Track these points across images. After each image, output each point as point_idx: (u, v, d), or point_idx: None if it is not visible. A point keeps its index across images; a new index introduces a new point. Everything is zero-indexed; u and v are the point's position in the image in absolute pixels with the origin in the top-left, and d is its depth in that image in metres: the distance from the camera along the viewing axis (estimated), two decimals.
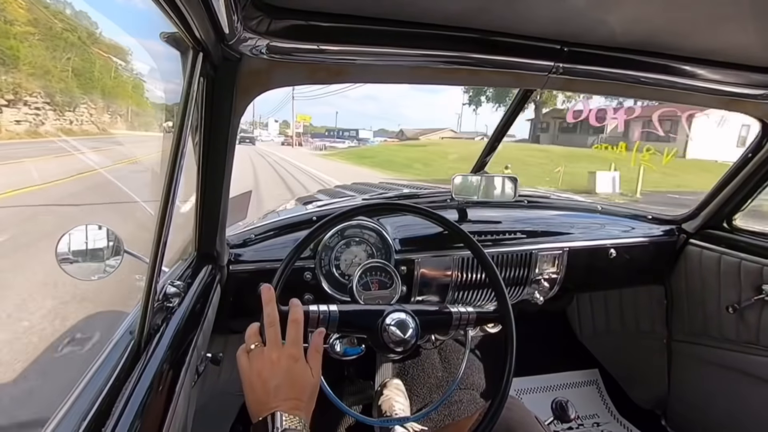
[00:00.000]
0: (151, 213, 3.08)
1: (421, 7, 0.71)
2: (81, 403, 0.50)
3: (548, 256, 1.38)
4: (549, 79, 0.92)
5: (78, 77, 8.99)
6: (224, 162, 0.85)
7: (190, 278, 0.86)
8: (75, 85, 8.91)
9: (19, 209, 4.62)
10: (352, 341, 1.13)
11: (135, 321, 0.63)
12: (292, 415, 0.55)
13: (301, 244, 0.79)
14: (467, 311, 0.82)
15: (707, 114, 13.21)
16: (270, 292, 0.66)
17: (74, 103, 8.88)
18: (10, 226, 4.09)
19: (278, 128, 69.45)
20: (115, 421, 0.47)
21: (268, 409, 0.56)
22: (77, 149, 8.51)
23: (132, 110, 11.87)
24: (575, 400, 1.74)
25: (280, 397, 0.57)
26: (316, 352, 0.65)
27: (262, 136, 54.67)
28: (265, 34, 0.69)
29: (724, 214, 1.48)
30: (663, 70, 0.92)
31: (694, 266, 1.52)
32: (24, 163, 6.82)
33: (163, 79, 0.84)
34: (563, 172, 11.78)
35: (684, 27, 0.76)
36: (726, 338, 1.43)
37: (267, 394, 0.58)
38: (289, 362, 0.61)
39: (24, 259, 3.26)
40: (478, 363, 1.86)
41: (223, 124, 0.81)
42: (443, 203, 1.44)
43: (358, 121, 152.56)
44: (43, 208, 4.69)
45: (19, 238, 3.77)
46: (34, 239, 3.67)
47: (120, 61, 9.93)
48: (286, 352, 0.61)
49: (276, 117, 75.20)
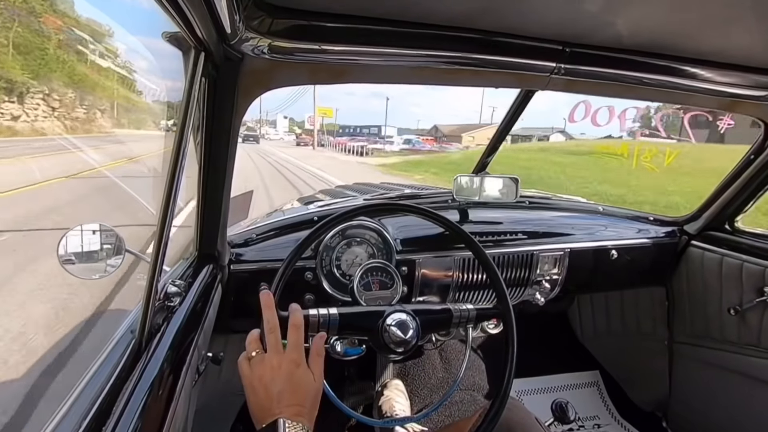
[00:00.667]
0: (153, 212, 3.09)
1: (423, 8, 0.71)
2: (82, 401, 0.51)
3: (549, 257, 1.37)
4: (551, 80, 0.92)
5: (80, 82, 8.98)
6: (225, 162, 0.85)
7: (191, 278, 0.86)
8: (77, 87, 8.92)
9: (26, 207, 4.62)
10: (353, 342, 1.13)
11: (136, 320, 0.63)
12: (295, 421, 0.55)
13: (302, 244, 0.79)
14: (467, 308, 0.82)
15: None
16: (269, 297, 0.65)
17: (75, 102, 8.89)
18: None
19: (287, 125, 63.88)
20: (115, 421, 0.47)
21: (272, 416, 0.56)
22: (77, 147, 8.50)
23: (134, 110, 11.90)
24: (576, 402, 1.74)
25: (283, 403, 0.57)
26: (317, 356, 0.64)
27: (270, 135, 50.55)
28: (267, 34, 0.69)
29: (726, 216, 1.48)
30: (665, 71, 0.92)
31: (695, 268, 1.52)
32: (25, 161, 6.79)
33: (164, 79, 0.85)
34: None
35: (687, 28, 0.76)
36: (727, 340, 1.43)
37: (270, 400, 0.58)
38: (290, 368, 0.60)
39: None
40: (478, 363, 1.86)
41: (225, 123, 0.81)
42: (444, 204, 1.44)
43: (364, 119, 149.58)
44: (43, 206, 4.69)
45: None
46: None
47: (123, 61, 9.93)
48: (287, 358, 0.61)
49: (285, 113, 69.30)
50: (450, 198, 1.42)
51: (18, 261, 3.20)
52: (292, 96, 40.07)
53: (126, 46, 9.10)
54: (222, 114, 0.79)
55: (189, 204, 0.93)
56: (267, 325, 0.63)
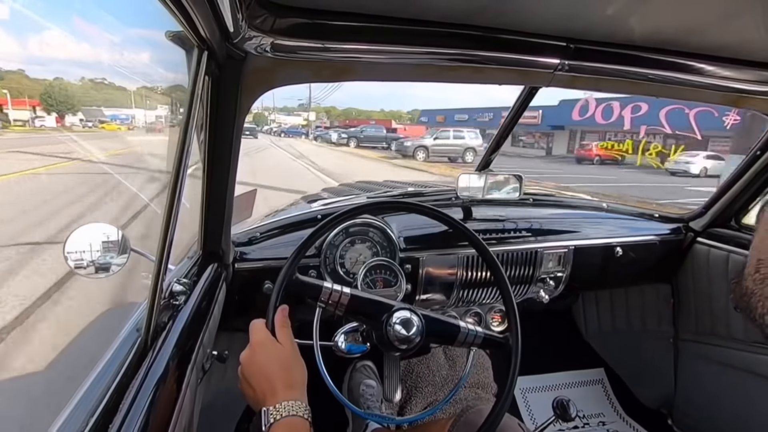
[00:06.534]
0: (158, 211, 3.09)
1: (426, 5, 0.71)
2: (89, 399, 0.51)
3: (554, 255, 1.37)
4: (555, 77, 0.92)
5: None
6: (229, 160, 0.85)
7: (196, 276, 0.86)
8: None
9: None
10: (357, 339, 1.13)
11: (141, 318, 0.63)
12: (286, 402, 0.57)
13: (306, 242, 0.79)
14: (476, 331, 0.80)
15: None
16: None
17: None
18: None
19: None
20: (122, 418, 0.48)
21: (264, 405, 0.57)
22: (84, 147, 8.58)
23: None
24: (580, 400, 1.74)
25: (267, 392, 0.58)
26: (282, 328, 0.66)
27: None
28: (270, 32, 0.69)
29: (732, 212, 1.47)
30: (671, 66, 0.91)
31: (701, 265, 1.51)
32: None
33: (168, 78, 0.85)
34: None
35: (693, 23, 0.75)
36: (733, 337, 1.42)
37: (256, 394, 0.59)
38: (257, 353, 0.62)
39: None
40: (483, 361, 1.86)
41: (228, 122, 0.81)
42: (448, 201, 1.43)
43: (359, 103, 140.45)
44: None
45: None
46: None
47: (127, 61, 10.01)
48: (251, 348, 0.63)
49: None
50: (453, 195, 1.42)
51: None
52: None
53: (132, 45, 9.15)
54: (225, 112, 0.80)
55: (194, 202, 0.93)
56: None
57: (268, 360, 0.62)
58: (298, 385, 0.61)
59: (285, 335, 0.65)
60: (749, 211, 1.46)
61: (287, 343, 0.65)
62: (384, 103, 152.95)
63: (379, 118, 46.59)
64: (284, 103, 61.30)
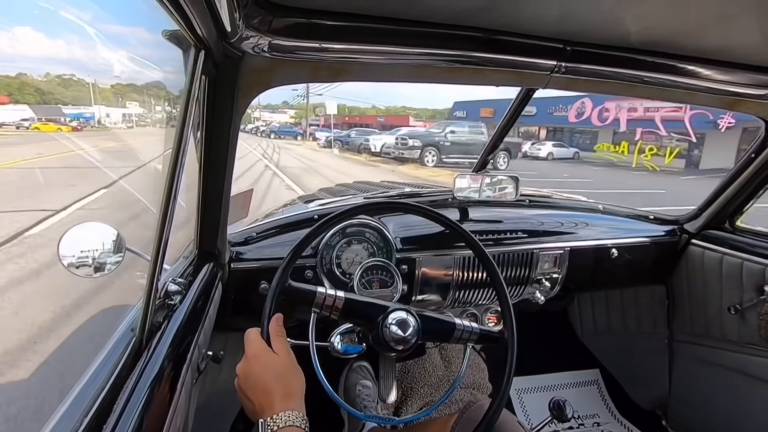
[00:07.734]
0: (154, 210, 3.08)
1: (423, 6, 0.71)
2: (83, 399, 0.51)
3: (549, 256, 1.37)
4: (552, 78, 0.92)
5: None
6: (225, 160, 0.85)
7: (192, 276, 0.86)
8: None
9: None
10: (353, 339, 1.13)
11: (136, 318, 0.63)
12: (283, 413, 0.56)
13: (303, 243, 0.79)
14: (471, 327, 0.81)
15: None
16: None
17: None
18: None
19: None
20: (116, 418, 0.47)
21: (261, 417, 0.57)
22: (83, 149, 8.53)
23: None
24: (576, 400, 1.74)
25: (264, 404, 0.58)
26: (277, 337, 0.66)
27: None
28: (267, 32, 0.69)
29: (726, 215, 1.48)
30: (667, 69, 0.91)
31: (696, 266, 1.52)
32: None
33: (164, 78, 0.85)
34: None
35: (689, 26, 0.75)
36: (727, 339, 1.43)
37: (254, 406, 0.59)
38: (253, 365, 0.62)
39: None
40: (479, 362, 1.86)
41: (225, 122, 0.81)
42: (444, 202, 1.44)
43: (347, 100, 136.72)
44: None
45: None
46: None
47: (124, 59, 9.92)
48: (247, 360, 0.63)
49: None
50: (450, 196, 1.42)
51: None
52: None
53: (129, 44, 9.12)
54: (222, 112, 0.79)
55: (190, 202, 0.93)
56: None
57: (264, 371, 0.61)
58: (296, 395, 0.60)
59: (280, 344, 0.65)
60: (743, 213, 1.47)
61: (283, 352, 0.64)
62: (374, 100, 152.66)
63: (380, 115, 44.24)
64: (268, 101, 60.09)
